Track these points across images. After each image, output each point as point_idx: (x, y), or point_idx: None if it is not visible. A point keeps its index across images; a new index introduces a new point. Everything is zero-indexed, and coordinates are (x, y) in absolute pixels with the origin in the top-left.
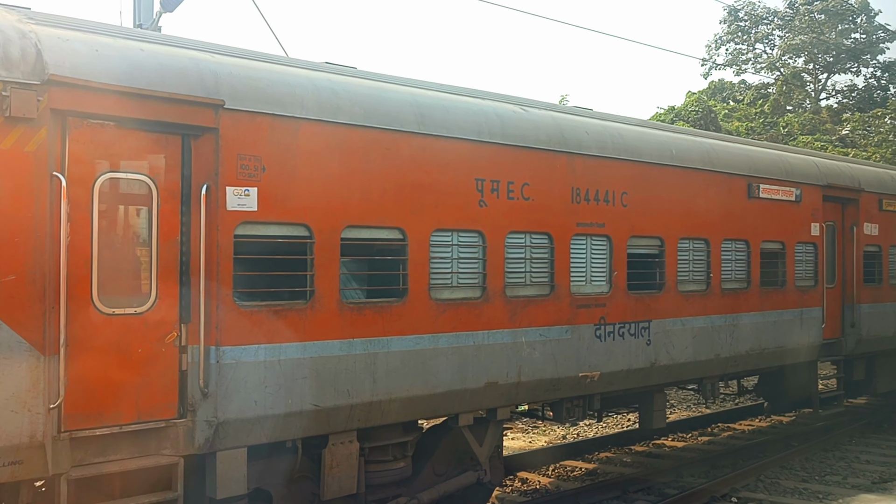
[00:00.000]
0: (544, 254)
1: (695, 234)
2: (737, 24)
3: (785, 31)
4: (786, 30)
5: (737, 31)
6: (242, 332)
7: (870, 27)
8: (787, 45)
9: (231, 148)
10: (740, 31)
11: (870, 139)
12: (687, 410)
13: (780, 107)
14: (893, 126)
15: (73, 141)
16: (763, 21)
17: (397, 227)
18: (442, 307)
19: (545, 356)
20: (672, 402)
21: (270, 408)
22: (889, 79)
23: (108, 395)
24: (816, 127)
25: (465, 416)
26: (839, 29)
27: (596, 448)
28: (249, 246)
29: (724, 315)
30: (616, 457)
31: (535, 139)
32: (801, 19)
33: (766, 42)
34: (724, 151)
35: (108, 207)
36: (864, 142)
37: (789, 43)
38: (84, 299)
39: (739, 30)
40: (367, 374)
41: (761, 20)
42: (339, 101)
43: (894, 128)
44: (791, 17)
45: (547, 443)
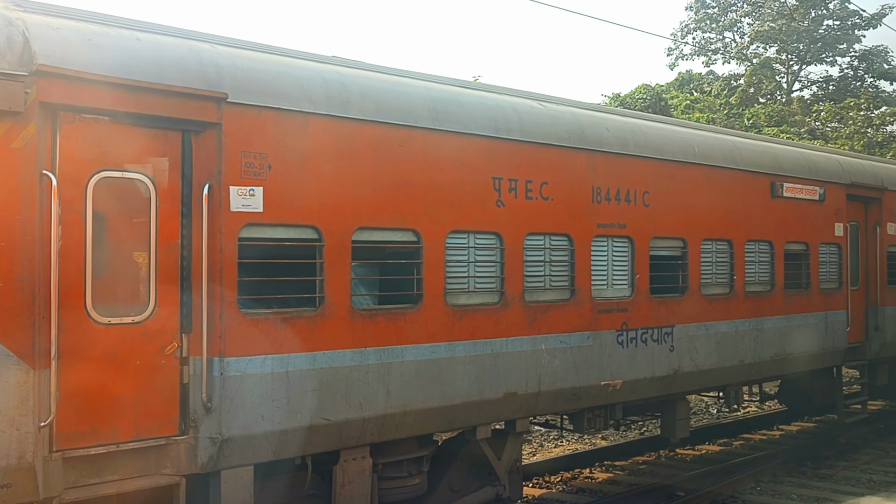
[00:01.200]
0: (564, 256)
1: (718, 234)
2: (704, 10)
3: (755, 18)
4: (756, 17)
5: (704, 19)
6: (248, 342)
7: (844, 13)
8: (755, 31)
9: (235, 144)
10: (708, 18)
11: (841, 131)
12: (705, 419)
13: (749, 98)
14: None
15: (65, 137)
16: (732, 7)
17: (411, 228)
18: (458, 313)
19: (566, 364)
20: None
21: (278, 423)
22: (866, 68)
23: (104, 411)
24: (784, 118)
25: (482, 429)
26: (812, 16)
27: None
28: (255, 249)
29: (748, 319)
30: (631, 465)
31: (554, 136)
32: (771, 5)
33: (735, 30)
34: (748, 149)
35: (102, 209)
36: (834, 134)
37: (758, 30)
38: (77, 308)
39: (707, 17)
40: (381, 386)
41: (730, 6)
42: (349, 95)
43: (868, 119)
44: (761, 2)
45: (561, 451)
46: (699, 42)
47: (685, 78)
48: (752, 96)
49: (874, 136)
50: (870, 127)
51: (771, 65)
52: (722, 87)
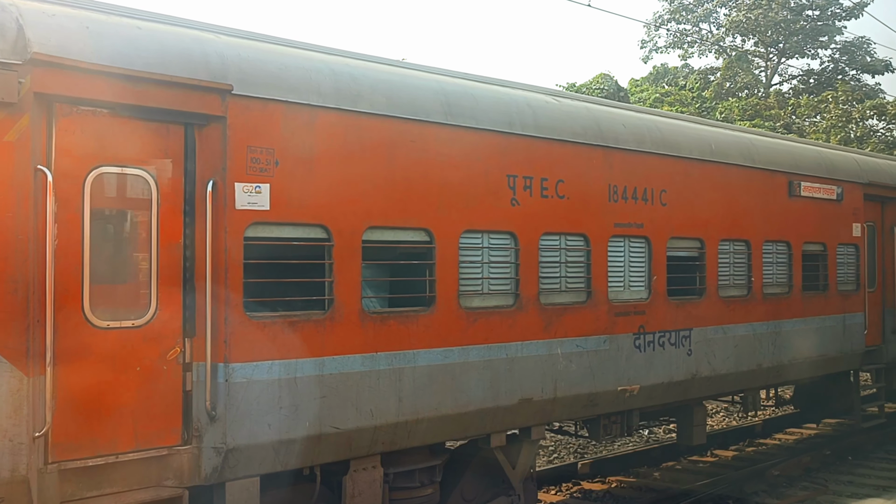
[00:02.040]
0: (580, 257)
1: (735, 235)
2: (679, 1)
3: (731, 7)
4: (732, 6)
5: (679, 9)
6: (254, 347)
7: (824, 1)
8: (731, 21)
9: (240, 139)
10: (683, 8)
11: (818, 125)
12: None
13: (724, 92)
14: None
15: (61, 130)
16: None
17: (423, 227)
18: (472, 316)
19: (582, 369)
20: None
21: (286, 432)
22: (848, 61)
23: (103, 421)
24: (759, 112)
25: (497, 436)
26: (791, 5)
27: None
28: (261, 249)
29: (766, 322)
30: (645, 471)
31: (570, 132)
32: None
33: (711, 21)
34: (765, 147)
35: (101, 206)
36: (811, 128)
37: (734, 20)
38: (74, 311)
39: (682, 7)
40: (392, 392)
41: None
42: (360, 88)
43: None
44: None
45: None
46: (674, 34)
47: (660, 72)
48: (728, 90)
49: (853, 130)
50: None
51: (748, 57)
52: (697, 80)
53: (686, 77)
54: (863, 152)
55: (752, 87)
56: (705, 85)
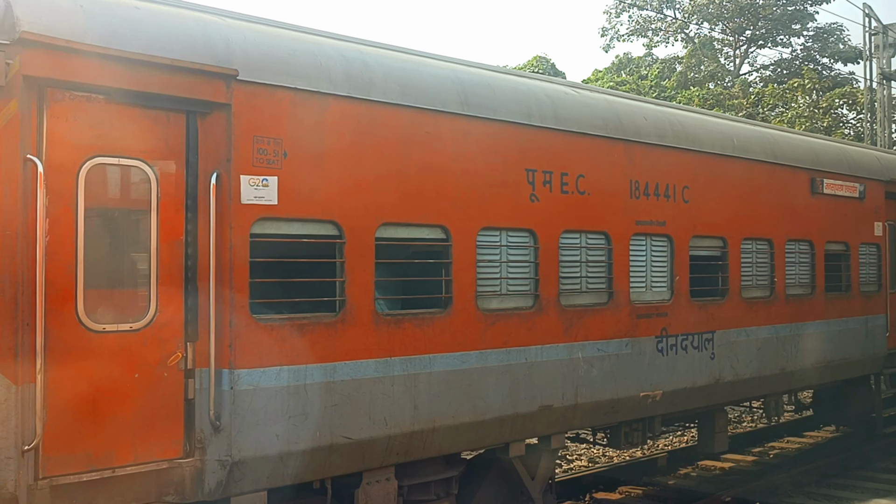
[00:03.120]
0: (601, 256)
1: (758, 233)
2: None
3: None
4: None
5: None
6: (261, 352)
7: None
8: (695, 6)
9: (246, 128)
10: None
11: (783, 115)
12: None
13: (688, 81)
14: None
15: (53, 117)
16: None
17: (439, 224)
18: (490, 318)
19: (603, 374)
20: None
21: (295, 442)
22: (820, 49)
23: (98, 432)
24: (721, 102)
25: (516, 445)
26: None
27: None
28: (268, 247)
29: (789, 324)
30: (661, 479)
31: (590, 124)
32: None
33: (675, 6)
34: (787, 142)
35: (96, 200)
36: (776, 119)
37: (698, 4)
38: (67, 314)
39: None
40: (407, 400)
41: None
42: (372, 76)
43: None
44: None
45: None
46: (636, 21)
47: (623, 61)
48: (692, 80)
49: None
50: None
51: (713, 45)
52: (661, 69)
53: (649, 67)
54: (883, 150)
55: (718, 76)
56: (669, 74)
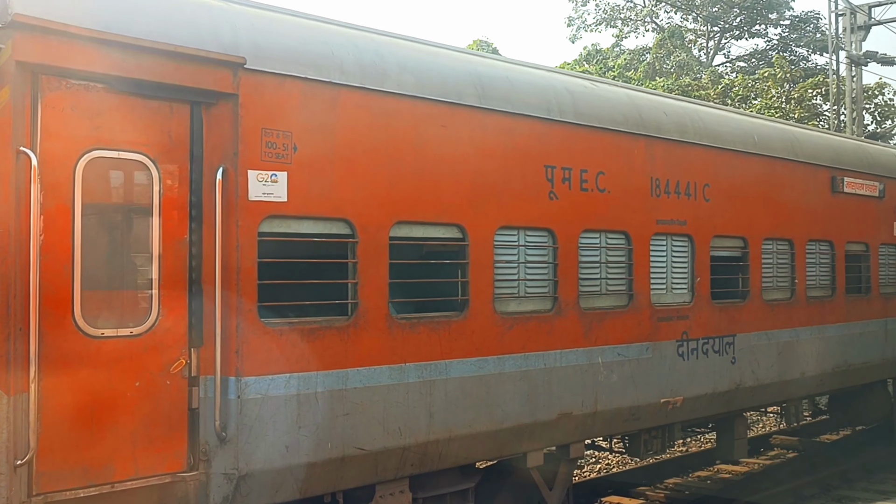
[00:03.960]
0: (621, 257)
1: (779, 233)
2: None
3: None
4: None
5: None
6: (269, 358)
7: None
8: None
9: (254, 120)
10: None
11: (752, 105)
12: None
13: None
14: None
15: (48, 107)
16: None
17: (456, 223)
18: (508, 322)
19: (624, 379)
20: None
21: (305, 454)
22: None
23: (96, 445)
24: (688, 94)
25: (534, 455)
26: None
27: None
28: (277, 247)
29: (810, 327)
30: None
31: (610, 119)
32: None
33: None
34: (808, 140)
35: (94, 196)
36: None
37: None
38: (63, 318)
39: None
40: (423, 408)
41: None
42: (386, 66)
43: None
44: None
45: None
46: (604, 10)
47: (591, 53)
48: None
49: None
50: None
51: (682, 34)
52: (628, 60)
53: (618, 58)
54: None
55: (689, 67)
56: (637, 66)
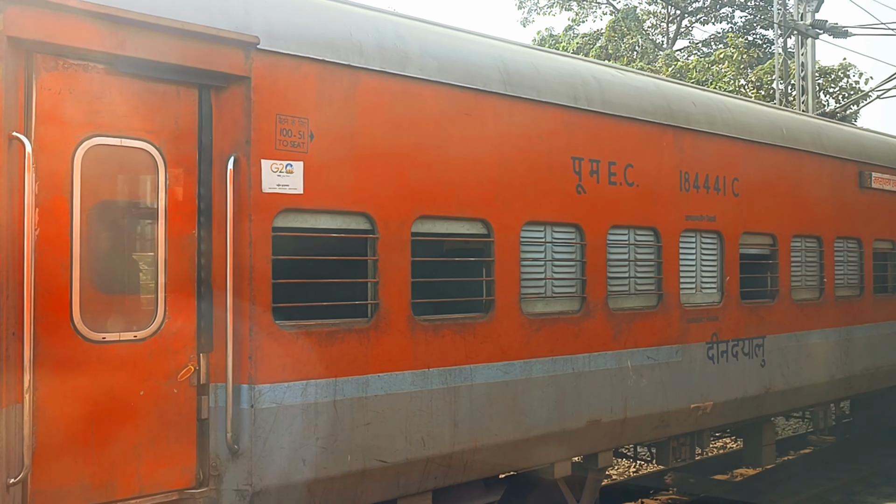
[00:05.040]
0: (650, 254)
1: (807, 230)
2: None
3: None
4: None
5: None
6: (285, 364)
7: None
8: None
9: (268, 106)
10: None
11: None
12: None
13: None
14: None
15: (44, 88)
16: None
17: (480, 218)
18: (535, 324)
19: (653, 384)
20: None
21: (324, 468)
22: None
23: (97, 460)
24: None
25: (561, 465)
26: None
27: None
28: (292, 244)
29: (839, 328)
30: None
31: (639, 109)
32: None
33: None
34: (835, 133)
35: (95, 187)
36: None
37: None
38: (60, 321)
39: None
40: (447, 416)
41: None
42: (408, 49)
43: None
44: None
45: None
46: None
47: (545, 38)
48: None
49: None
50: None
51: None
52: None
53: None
54: None
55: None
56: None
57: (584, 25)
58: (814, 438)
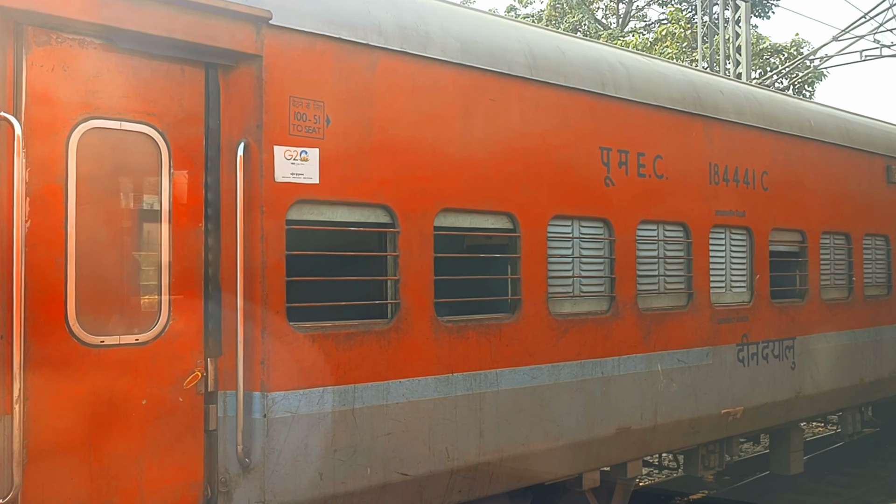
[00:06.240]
0: (679, 251)
1: (836, 227)
2: None
3: None
4: None
5: None
6: (300, 369)
7: None
8: None
9: (281, 87)
10: None
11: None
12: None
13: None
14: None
15: (35, 65)
16: None
17: (506, 211)
18: (563, 325)
19: (684, 389)
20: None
21: (342, 482)
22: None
23: (95, 476)
24: None
25: (590, 476)
26: None
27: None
28: (307, 238)
29: (867, 329)
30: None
31: (667, 97)
32: None
33: None
34: (862, 126)
35: (92, 175)
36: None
37: None
38: (54, 322)
39: None
40: (472, 424)
41: None
42: (429, 29)
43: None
44: None
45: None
46: None
47: None
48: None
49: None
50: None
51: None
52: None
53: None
54: None
55: (587, 31)
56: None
57: (530, 7)
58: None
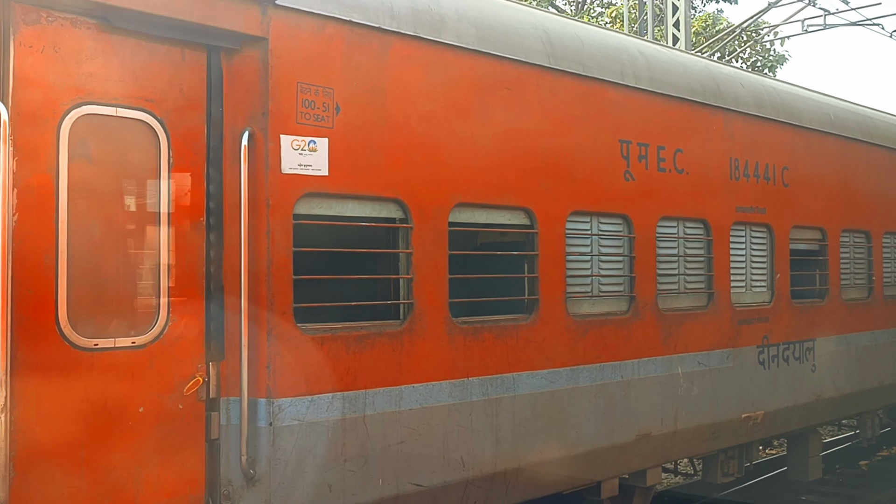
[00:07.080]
0: (699, 249)
1: (856, 224)
2: None
3: None
4: None
5: None
6: (309, 374)
7: None
8: None
9: (288, 72)
10: None
11: None
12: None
13: None
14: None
15: (23, 45)
16: None
17: (523, 207)
18: (582, 326)
19: (704, 392)
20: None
21: (352, 494)
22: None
23: (88, 489)
24: None
25: (609, 484)
26: None
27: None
28: (315, 234)
29: (887, 330)
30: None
31: (688, 88)
32: None
33: None
34: (881, 120)
35: (85, 165)
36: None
37: None
38: (44, 324)
39: None
40: (489, 431)
41: None
42: (443, 12)
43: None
44: None
45: None
46: None
47: None
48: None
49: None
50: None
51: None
52: None
53: None
54: None
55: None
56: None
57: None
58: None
